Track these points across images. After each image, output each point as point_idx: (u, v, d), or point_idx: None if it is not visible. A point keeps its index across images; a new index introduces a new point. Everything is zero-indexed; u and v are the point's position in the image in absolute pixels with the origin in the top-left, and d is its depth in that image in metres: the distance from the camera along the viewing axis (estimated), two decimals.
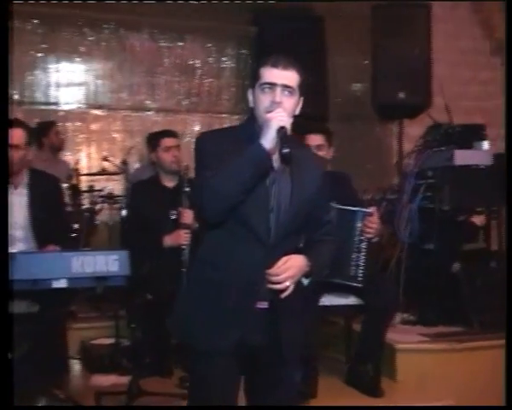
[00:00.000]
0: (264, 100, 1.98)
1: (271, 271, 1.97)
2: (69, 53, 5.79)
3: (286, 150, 1.88)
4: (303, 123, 2.23)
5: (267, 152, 1.89)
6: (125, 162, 4.96)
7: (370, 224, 3.30)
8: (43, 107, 5.78)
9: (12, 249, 3.22)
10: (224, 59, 6.24)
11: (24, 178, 3.35)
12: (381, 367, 3.41)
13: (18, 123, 3.30)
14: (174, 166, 3.86)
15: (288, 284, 1.97)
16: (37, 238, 3.31)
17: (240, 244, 2.00)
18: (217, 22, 6.00)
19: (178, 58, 6.07)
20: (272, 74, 1.98)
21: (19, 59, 5.48)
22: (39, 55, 5.68)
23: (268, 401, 2.09)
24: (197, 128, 6.10)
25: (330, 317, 3.91)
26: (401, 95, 5.10)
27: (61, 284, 2.72)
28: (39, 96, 5.77)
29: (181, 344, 2.23)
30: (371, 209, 3.36)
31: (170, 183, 3.90)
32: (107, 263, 2.74)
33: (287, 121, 1.92)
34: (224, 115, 6.29)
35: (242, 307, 1.99)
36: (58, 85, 5.81)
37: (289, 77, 1.99)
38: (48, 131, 5.31)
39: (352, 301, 3.44)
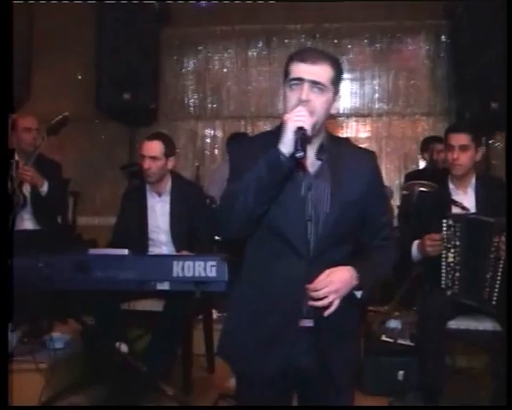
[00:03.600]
0: (292, 98, 1.81)
1: (311, 286, 1.80)
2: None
3: (299, 154, 1.69)
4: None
5: (284, 156, 1.71)
6: None
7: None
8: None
9: (156, 252, 3.56)
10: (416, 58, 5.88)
11: (167, 185, 3.62)
12: None
13: (156, 135, 3.60)
14: None
15: (330, 299, 1.79)
16: (174, 243, 3.55)
17: (278, 260, 1.86)
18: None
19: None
20: (299, 69, 1.80)
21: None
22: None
23: None
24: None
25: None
26: None
27: (165, 286, 2.89)
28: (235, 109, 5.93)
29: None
30: None
31: None
32: (205, 268, 2.81)
33: (306, 121, 1.72)
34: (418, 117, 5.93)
35: (285, 326, 1.85)
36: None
37: (319, 72, 1.80)
38: None
39: (487, 326, 2.97)
